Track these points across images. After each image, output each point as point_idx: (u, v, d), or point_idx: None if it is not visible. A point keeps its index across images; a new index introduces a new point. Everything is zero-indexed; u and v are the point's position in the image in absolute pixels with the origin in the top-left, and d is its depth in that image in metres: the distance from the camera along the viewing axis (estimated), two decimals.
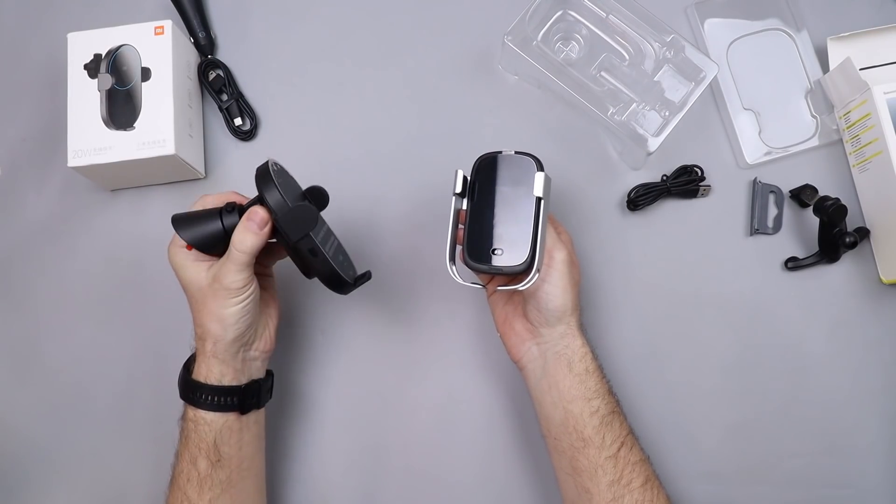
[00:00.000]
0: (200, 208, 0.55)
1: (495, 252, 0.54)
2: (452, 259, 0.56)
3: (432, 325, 0.67)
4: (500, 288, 0.55)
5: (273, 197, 0.50)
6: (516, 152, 0.56)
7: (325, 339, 0.67)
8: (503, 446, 0.64)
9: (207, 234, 0.53)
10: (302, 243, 0.51)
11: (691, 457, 0.64)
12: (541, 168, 0.55)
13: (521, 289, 0.53)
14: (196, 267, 0.53)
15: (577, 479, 0.54)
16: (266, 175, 0.51)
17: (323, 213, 0.57)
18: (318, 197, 0.57)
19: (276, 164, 0.53)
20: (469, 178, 0.57)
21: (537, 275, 0.53)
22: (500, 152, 0.57)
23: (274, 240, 0.53)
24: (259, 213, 0.51)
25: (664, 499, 0.54)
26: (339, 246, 0.58)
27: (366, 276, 0.57)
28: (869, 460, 0.63)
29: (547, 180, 0.54)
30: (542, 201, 0.53)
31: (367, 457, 0.65)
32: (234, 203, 0.54)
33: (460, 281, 0.56)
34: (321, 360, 0.67)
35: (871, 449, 0.63)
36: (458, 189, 0.56)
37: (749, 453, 0.64)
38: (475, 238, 0.55)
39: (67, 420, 0.67)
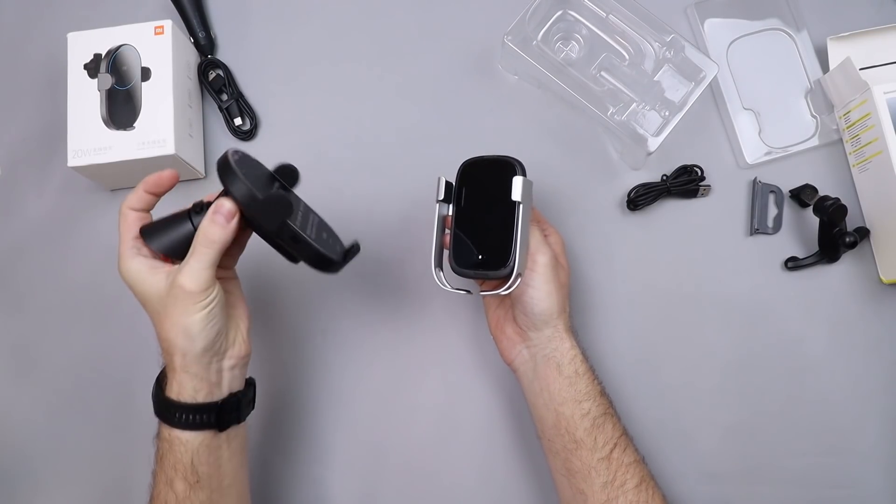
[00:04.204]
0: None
1: (480, 257, 0.54)
2: (439, 265, 0.57)
3: (432, 325, 0.67)
4: (482, 293, 0.56)
5: (239, 189, 0.47)
6: (499, 156, 0.56)
7: (326, 340, 0.67)
8: (502, 446, 0.64)
9: (180, 237, 0.50)
10: (281, 232, 0.49)
11: (691, 457, 0.63)
12: (521, 172, 0.54)
13: (503, 293, 0.54)
14: (154, 275, 0.49)
15: (571, 481, 0.54)
16: (227, 166, 0.48)
17: (310, 200, 0.56)
18: (287, 175, 0.53)
19: (236, 152, 0.50)
20: (455, 182, 0.57)
21: (519, 279, 0.53)
22: (483, 156, 0.57)
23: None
24: (225, 205, 0.48)
25: (660, 499, 0.54)
26: (322, 223, 0.55)
27: (354, 250, 0.54)
28: (869, 460, 0.63)
29: (527, 184, 0.54)
30: (521, 205, 0.53)
31: (367, 457, 0.65)
32: (202, 202, 0.51)
33: (446, 287, 0.56)
34: (321, 361, 0.67)
35: (872, 449, 0.63)
36: (441, 196, 0.56)
37: (749, 453, 0.64)
38: (461, 243, 0.55)
39: (67, 420, 0.67)
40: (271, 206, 0.48)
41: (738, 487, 0.63)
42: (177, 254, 0.50)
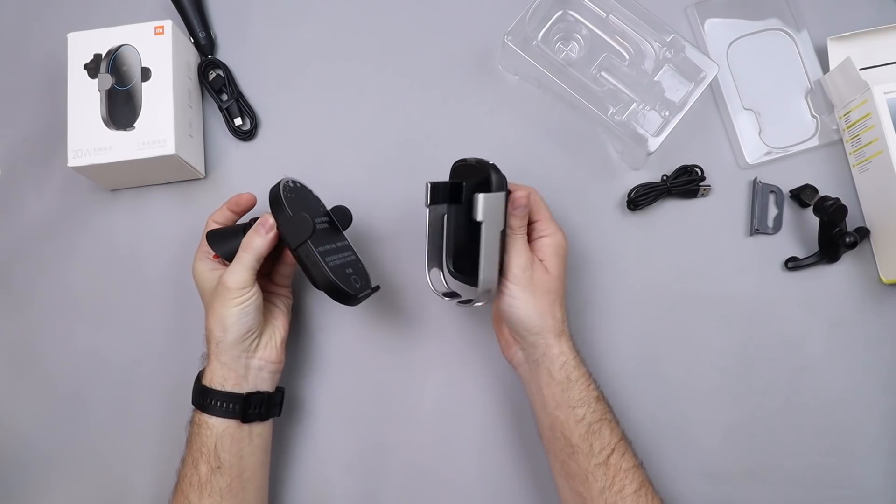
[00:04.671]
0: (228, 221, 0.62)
1: (467, 262, 0.55)
2: (433, 267, 0.58)
3: (432, 325, 0.67)
4: (459, 301, 0.57)
5: (274, 203, 0.56)
6: (478, 160, 0.55)
7: (326, 339, 0.67)
8: (502, 446, 0.64)
9: (234, 246, 0.57)
10: (301, 251, 0.54)
11: (691, 457, 0.64)
12: (494, 182, 0.52)
13: (475, 305, 0.55)
14: (212, 274, 0.58)
15: (570, 483, 0.55)
16: (276, 187, 0.56)
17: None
18: (340, 215, 0.61)
19: (293, 181, 0.58)
20: (449, 183, 0.57)
21: (489, 295, 0.54)
22: (465, 160, 0.56)
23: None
24: (268, 219, 0.56)
25: None
26: (353, 262, 0.60)
27: (372, 289, 0.59)
28: (869, 460, 0.63)
29: (491, 201, 0.51)
30: (484, 225, 0.51)
31: (367, 457, 0.65)
32: (257, 219, 0.58)
33: (437, 291, 0.57)
34: (321, 360, 0.67)
35: (872, 449, 0.63)
36: (429, 201, 0.55)
37: (749, 453, 0.64)
38: (454, 246, 0.55)
39: (67, 420, 0.67)
40: (295, 223, 0.55)
41: (738, 487, 0.63)
42: (230, 258, 0.58)
